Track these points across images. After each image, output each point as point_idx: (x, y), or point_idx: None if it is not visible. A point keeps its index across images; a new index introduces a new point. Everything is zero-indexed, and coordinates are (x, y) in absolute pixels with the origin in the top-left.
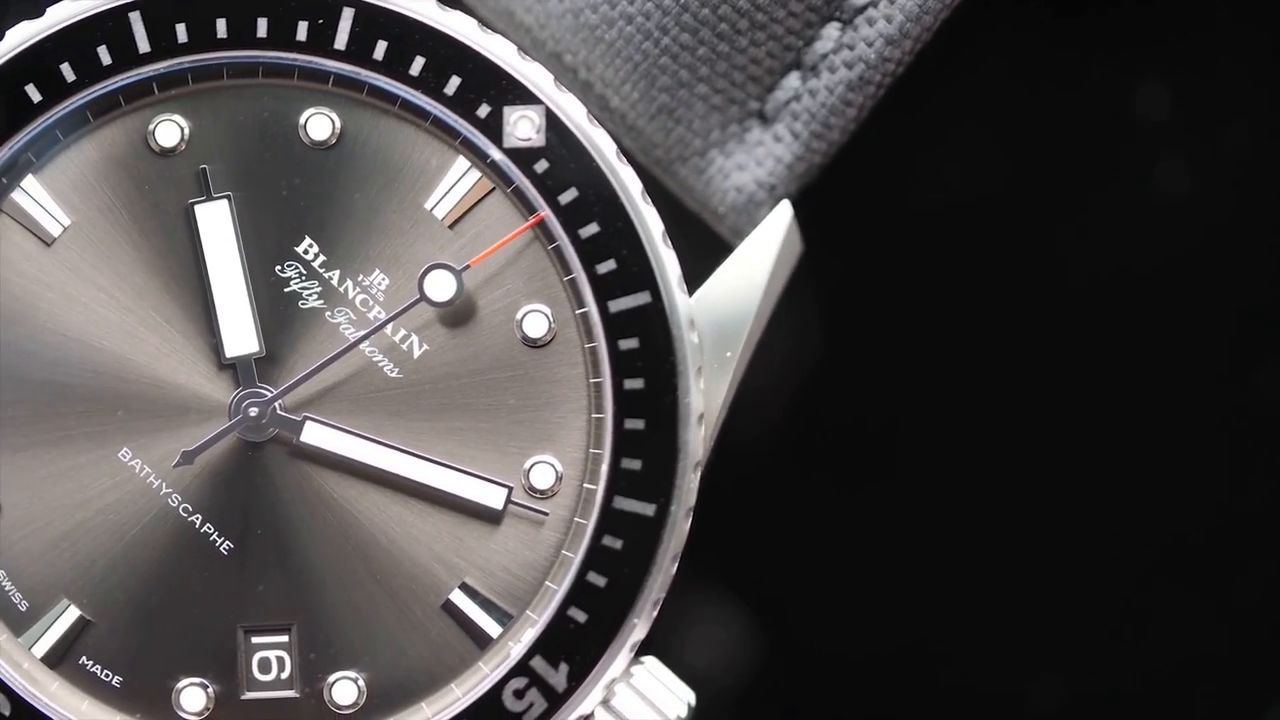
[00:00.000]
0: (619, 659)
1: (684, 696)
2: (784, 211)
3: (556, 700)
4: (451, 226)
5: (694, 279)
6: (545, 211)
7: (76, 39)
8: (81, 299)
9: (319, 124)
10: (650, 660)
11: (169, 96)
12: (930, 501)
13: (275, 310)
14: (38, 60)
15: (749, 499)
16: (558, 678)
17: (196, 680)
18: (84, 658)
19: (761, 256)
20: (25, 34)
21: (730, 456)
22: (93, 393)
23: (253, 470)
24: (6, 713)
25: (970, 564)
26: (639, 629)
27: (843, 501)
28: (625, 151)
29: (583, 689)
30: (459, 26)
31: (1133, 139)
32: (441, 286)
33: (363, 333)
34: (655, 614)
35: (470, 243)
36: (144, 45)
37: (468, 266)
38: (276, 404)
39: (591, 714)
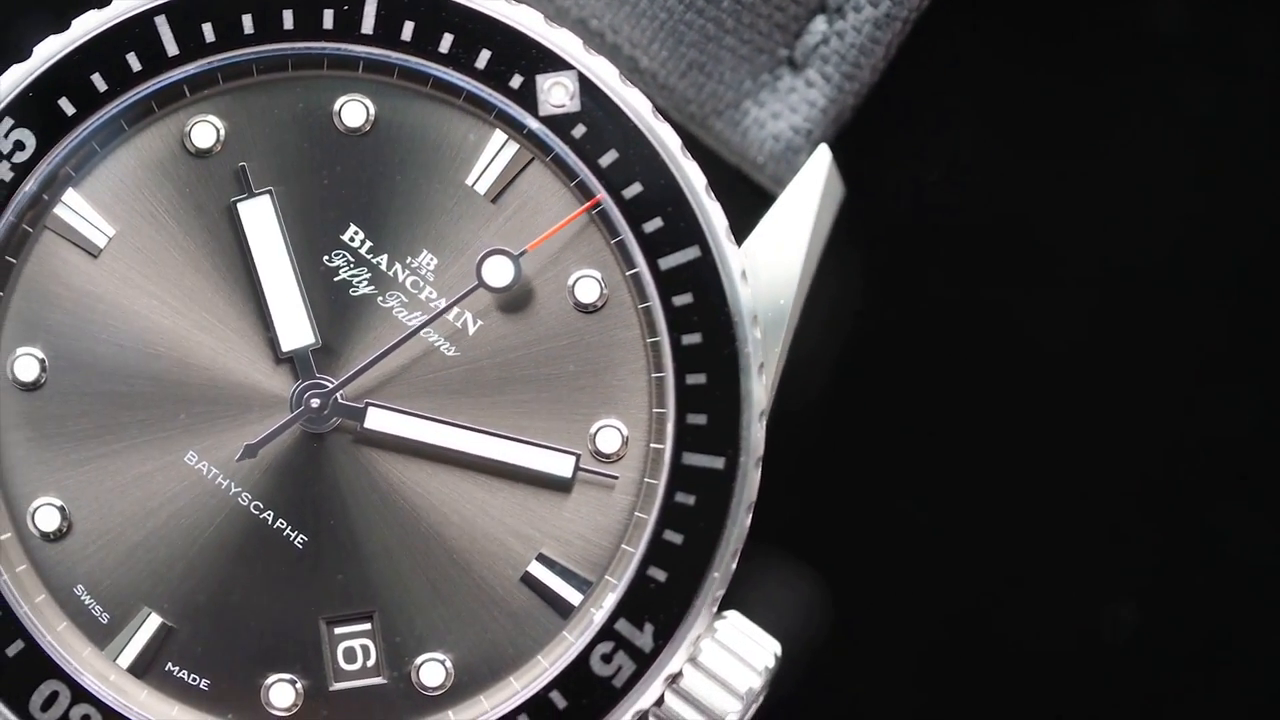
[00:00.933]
0: (702, 614)
1: (769, 647)
2: (823, 155)
3: (644, 661)
4: (494, 200)
5: (738, 233)
6: (601, 194)
7: (105, 48)
8: (134, 307)
9: (353, 111)
10: (732, 614)
11: (201, 97)
12: (984, 441)
13: (327, 300)
14: (68, 73)
15: (802, 455)
16: (644, 638)
17: (284, 676)
18: (169, 664)
19: (805, 201)
20: (53, 48)
21: (782, 412)
22: (153, 399)
23: (319, 462)
24: None
25: (1032, 503)
26: (720, 582)
27: (896, 449)
28: (660, 110)
29: (669, 647)
30: (484, 0)
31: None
32: (500, 272)
33: (419, 317)
34: (734, 566)
35: (514, 214)
36: (172, 49)
37: (525, 251)
38: (338, 394)
39: (680, 672)
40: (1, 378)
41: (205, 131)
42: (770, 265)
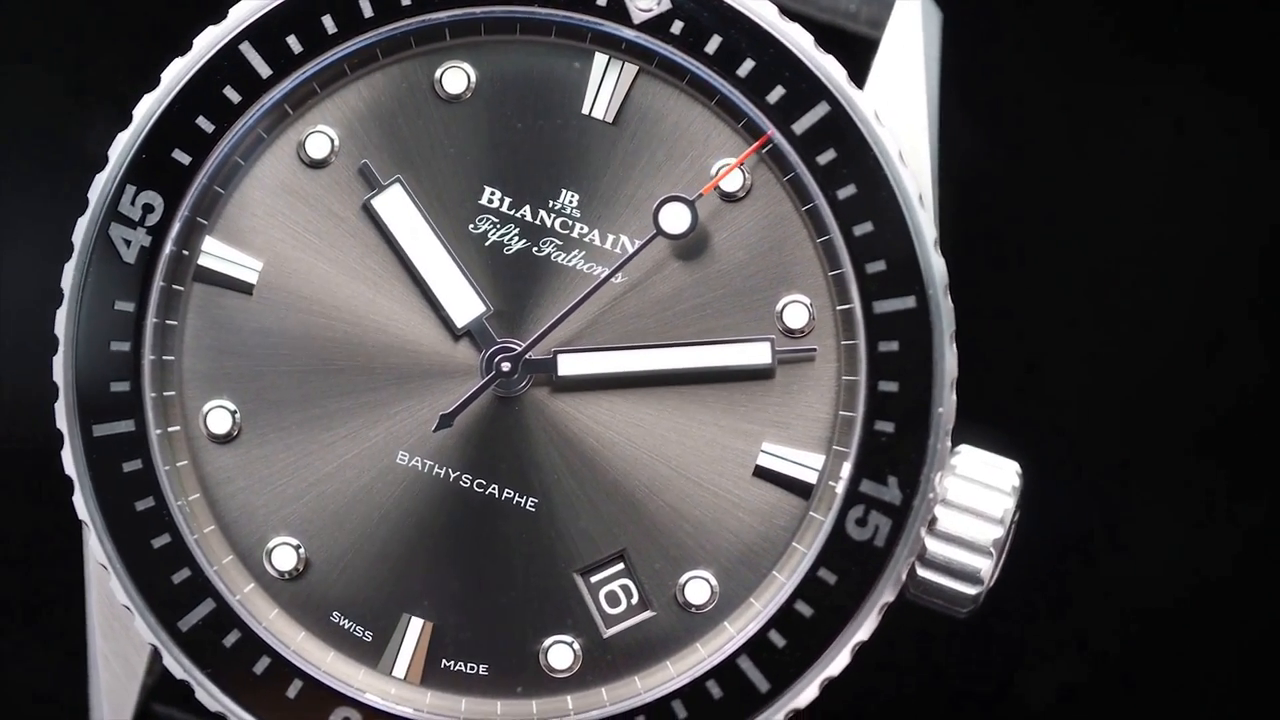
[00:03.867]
0: (940, 450)
1: (1009, 467)
2: None
3: (898, 513)
4: (615, 122)
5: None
6: (770, 130)
7: (200, 90)
8: (303, 331)
9: (453, 78)
10: (963, 447)
11: (305, 110)
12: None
13: (485, 266)
14: (173, 124)
15: None
16: (891, 492)
17: (558, 638)
18: (444, 660)
19: (910, 32)
20: (151, 105)
21: None
22: (348, 413)
23: (525, 423)
24: None
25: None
26: (947, 417)
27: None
28: None
29: (919, 494)
30: None
31: None
32: (676, 219)
33: (578, 255)
34: (954, 398)
35: (638, 128)
36: (264, 70)
37: (700, 195)
38: (527, 352)
39: (934, 516)
40: (198, 437)
41: (319, 142)
42: (896, 102)
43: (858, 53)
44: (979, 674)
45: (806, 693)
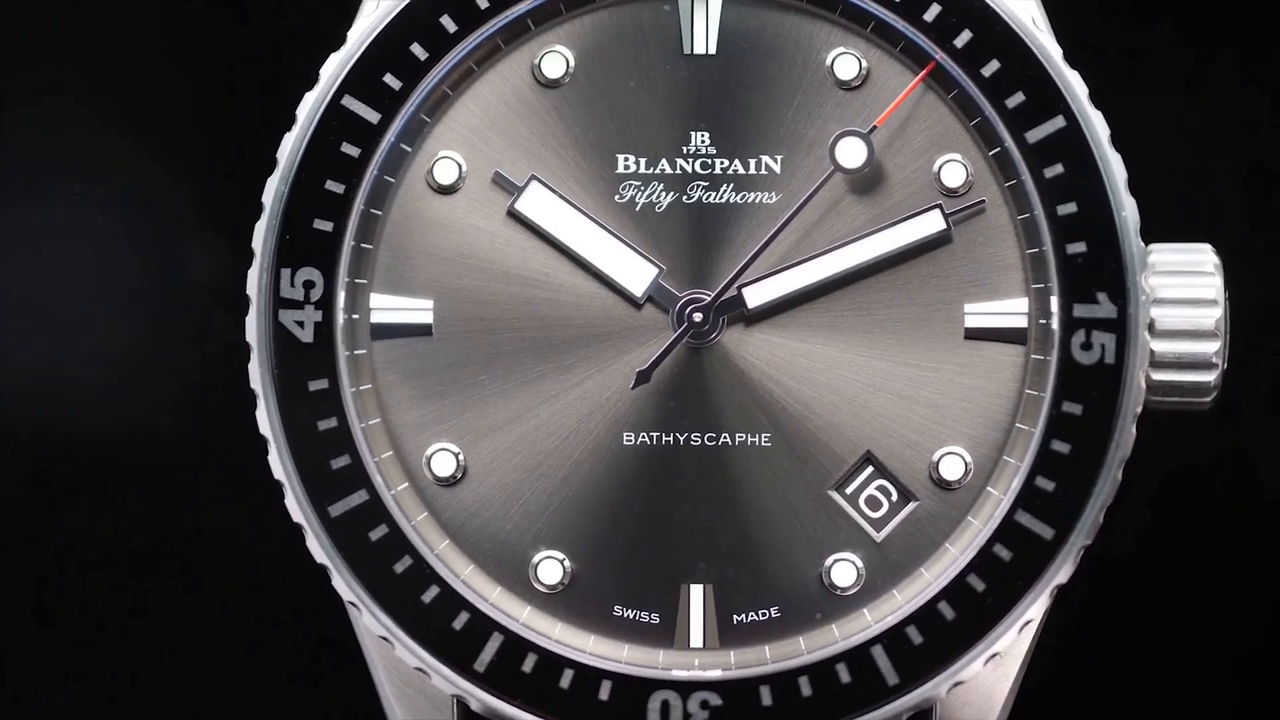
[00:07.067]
0: (1137, 252)
1: (1205, 249)
2: None
3: (1118, 327)
4: (717, 53)
5: None
6: (937, 55)
7: (320, 155)
8: (493, 352)
9: (551, 63)
10: (1153, 245)
11: (421, 142)
12: None
13: (643, 229)
14: (303, 198)
15: None
16: (1104, 307)
17: (837, 557)
18: (735, 616)
19: None
20: (278, 185)
21: None
22: (563, 414)
23: (732, 365)
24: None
25: None
26: (1131, 216)
27: None
28: None
29: (1131, 300)
30: None
31: None
32: (853, 153)
33: (728, 189)
34: (1131, 197)
35: (743, 51)
36: (373, 116)
37: (874, 128)
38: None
39: (1150, 319)
40: (428, 486)
41: (446, 168)
42: None
43: None
44: (1216, 465)
45: (1092, 527)
